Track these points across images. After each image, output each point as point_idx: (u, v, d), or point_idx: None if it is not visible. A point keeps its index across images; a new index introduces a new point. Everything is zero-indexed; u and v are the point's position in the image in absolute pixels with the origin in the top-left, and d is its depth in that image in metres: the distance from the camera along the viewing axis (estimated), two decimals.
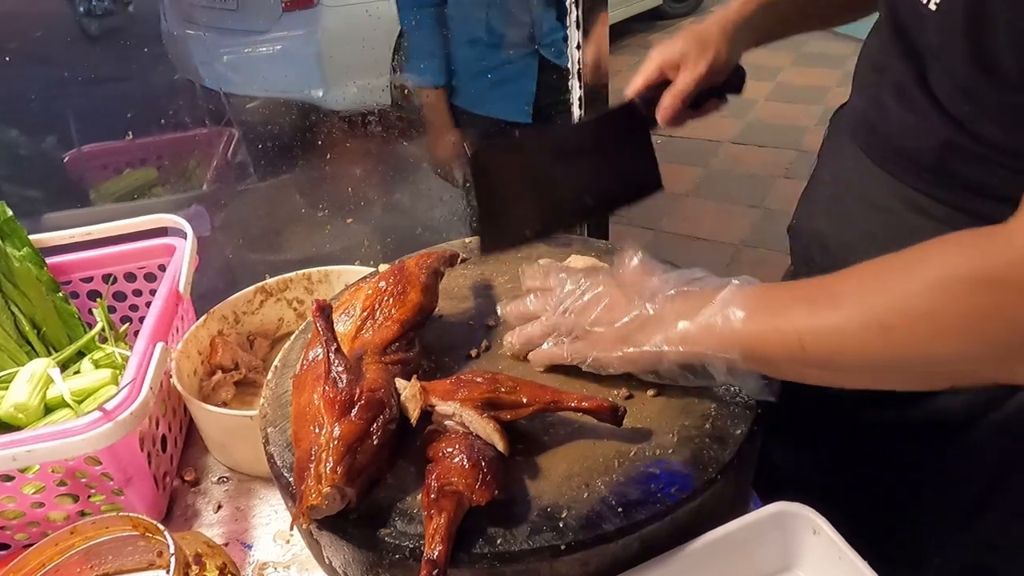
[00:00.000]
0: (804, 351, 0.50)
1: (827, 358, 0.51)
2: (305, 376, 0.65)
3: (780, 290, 0.55)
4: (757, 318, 0.53)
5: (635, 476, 0.57)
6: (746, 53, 0.80)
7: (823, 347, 0.50)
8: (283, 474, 0.62)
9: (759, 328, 0.53)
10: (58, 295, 1.02)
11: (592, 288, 0.63)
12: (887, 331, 0.46)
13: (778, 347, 0.52)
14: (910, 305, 0.45)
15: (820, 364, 0.52)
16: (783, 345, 0.52)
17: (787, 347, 0.51)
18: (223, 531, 0.81)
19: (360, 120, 2.34)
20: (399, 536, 0.54)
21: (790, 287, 0.55)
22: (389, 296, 0.73)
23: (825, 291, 0.51)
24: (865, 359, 0.49)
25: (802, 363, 0.52)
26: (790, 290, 0.54)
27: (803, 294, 0.53)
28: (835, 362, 0.51)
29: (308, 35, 3.56)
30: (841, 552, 0.53)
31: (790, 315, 0.52)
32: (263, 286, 1.07)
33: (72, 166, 1.69)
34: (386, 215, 2.25)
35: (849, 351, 0.49)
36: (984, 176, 0.57)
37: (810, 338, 0.50)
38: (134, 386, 0.74)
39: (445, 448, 0.57)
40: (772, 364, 0.55)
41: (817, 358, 0.51)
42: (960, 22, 0.53)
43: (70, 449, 0.69)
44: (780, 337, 0.52)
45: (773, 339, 0.53)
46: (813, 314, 0.51)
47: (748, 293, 0.55)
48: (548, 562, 0.53)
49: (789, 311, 0.52)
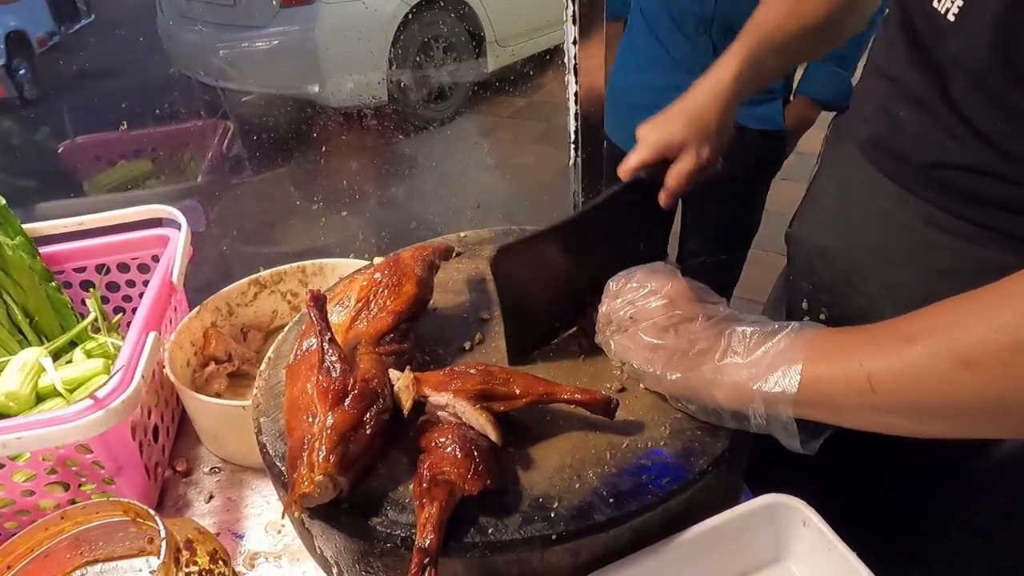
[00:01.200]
0: (874, 393, 0.46)
1: (901, 400, 0.46)
2: (299, 366, 0.64)
3: (844, 332, 0.52)
4: (820, 359, 0.50)
5: (627, 467, 0.58)
6: None
7: (896, 388, 0.46)
8: (275, 463, 0.62)
9: (822, 369, 0.49)
10: (51, 284, 1.01)
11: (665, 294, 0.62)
12: (971, 367, 0.42)
13: (842, 389, 0.48)
14: (998, 338, 0.41)
15: (893, 408, 0.47)
16: (848, 386, 0.48)
17: (853, 389, 0.47)
18: (214, 521, 0.81)
19: (356, 114, 2.34)
20: (391, 525, 0.54)
21: (854, 329, 0.51)
22: (384, 288, 0.73)
23: (894, 331, 0.47)
24: (948, 400, 0.44)
25: (871, 408, 0.48)
26: (854, 332, 0.51)
27: (869, 335, 0.49)
28: (911, 405, 0.46)
29: (305, 30, 3.54)
30: (831, 544, 0.54)
31: (857, 355, 0.48)
32: (257, 278, 1.07)
33: (67, 157, 1.69)
34: (381, 209, 2.25)
35: (927, 391, 0.44)
36: (1011, 193, 0.54)
37: (881, 378, 0.46)
38: (126, 374, 0.74)
39: (438, 438, 0.57)
40: (835, 409, 0.51)
41: (890, 401, 0.47)
42: (986, 32, 0.50)
43: (61, 436, 0.68)
44: (845, 378, 0.48)
45: (837, 380, 0.48)
46: (882, 352, 0.46)
47: (812, 336, 0.52)
48: (539, 552, 0.53)
49: (855, 351, 0.48)
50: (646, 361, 0.61)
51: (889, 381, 0.46)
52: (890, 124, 0.64)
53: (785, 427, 0.53)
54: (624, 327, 0.63)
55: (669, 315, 0.61)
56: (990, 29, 0.50)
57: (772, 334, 0.54)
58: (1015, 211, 0.55)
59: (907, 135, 0.62)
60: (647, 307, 0.62)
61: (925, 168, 0.60)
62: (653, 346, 0.60)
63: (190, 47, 3.66)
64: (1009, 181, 0.54)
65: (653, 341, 0.60)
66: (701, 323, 0.59)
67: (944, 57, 0.56)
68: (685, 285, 0.63)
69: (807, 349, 0.51)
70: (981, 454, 0.64)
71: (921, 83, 0.59)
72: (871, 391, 0.47)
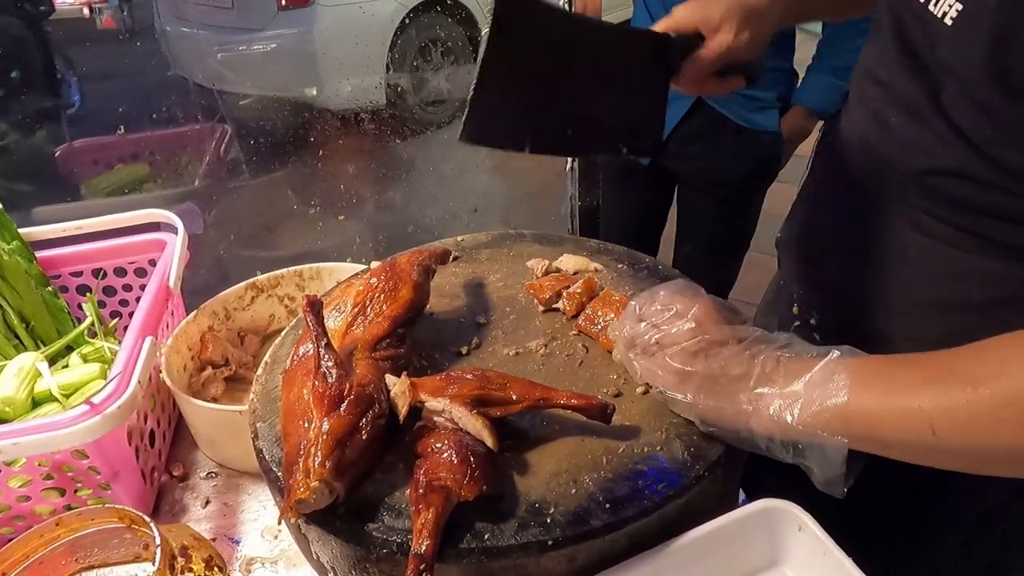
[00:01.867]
0: (935, 437, 0.45)
1: (966, 446, 0.45)
2: (295, 371, 0.64)
3: (894, 366, 0.50)
4: (870, 394, 0.49)
5: (623, 473, 0.58)
6: None
7: (961, 434, 0.45)
8: (272, 469, 0.62)
9: (872, 404, 0.48)
10: (47, 289, 1.01)
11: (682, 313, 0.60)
12: None
13: (897, 428, 0.47)
14: None
15: (956, 451, 0.46)
16: (904, 427, 0.47)
17: (912, 431, 0.46)
18: (211, 526, 0.81)
19: (353, 118, 2.34)
20: (387, 531, 0.54)
21: (904, 362, 0.50)
22: (380, 293, 0.73)
23: (954, 372, 0.46)
24: (1006, 447, 0.43)
25: (930, 448, 0.47)
26: (906, 367, 0.49)
27: (926, 373, 0.47)
28: (976, 449, 0.45)
29: (303, 33, 3.55)
30: (826, 549, 0.54)
31: (914, 395, 0.46)
32: (254, 282, 1.07)
33: (64, 161, 1.69)
34: (378, 213, 2.25)
35: (995, 438, 0.43)
36: (1001, 200, 0.54)
37: (944, 424, 0.45)
38: (122, 380, 0.74)
39: (434, 444, 0.57)
40: (885, 445, 0.50)
41: (953, 445, 0.45)
42: (982, 40, 0.50)
43: (57, 442, 0.68)
44: (901, 418, 0.47)
45: (891, 418, 0.47)
46: (945, 395, 0.45)
47: (856, 365, 0.51)
48: (535, 557, 0.53)
49: (912, 390, 0.47)
50: (676, 387, 0.59)
51: (954, 427, 0.45)
52: (880, 129, 0.64)
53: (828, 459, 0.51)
54: (650, 351, 0.61)
55: (698, 339, 0.58)
56: (986, 35, 0.50)
57: (811, 361, 0.52)
58: (1002, 218, 0.55)
59: (896, 141, 0.62)
60: (674, 331, 0.60)
61: (914, 174, 0.60)
62: (683, 372, 0.58)
63: (188, 50, 3.66)
64: (997, 188, 0.54)
65: (683, 368, 0.58)
66: (732, 347, 0.57)
67: (936, 62, 0.56)
68: (711, 305, 0.61)
69: (854, 381, 0.49)
70: None
71: (911, 88, 0.59)
72: (932, 434, 0.45)
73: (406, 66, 3.71)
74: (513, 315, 0.79)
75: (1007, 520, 0.67)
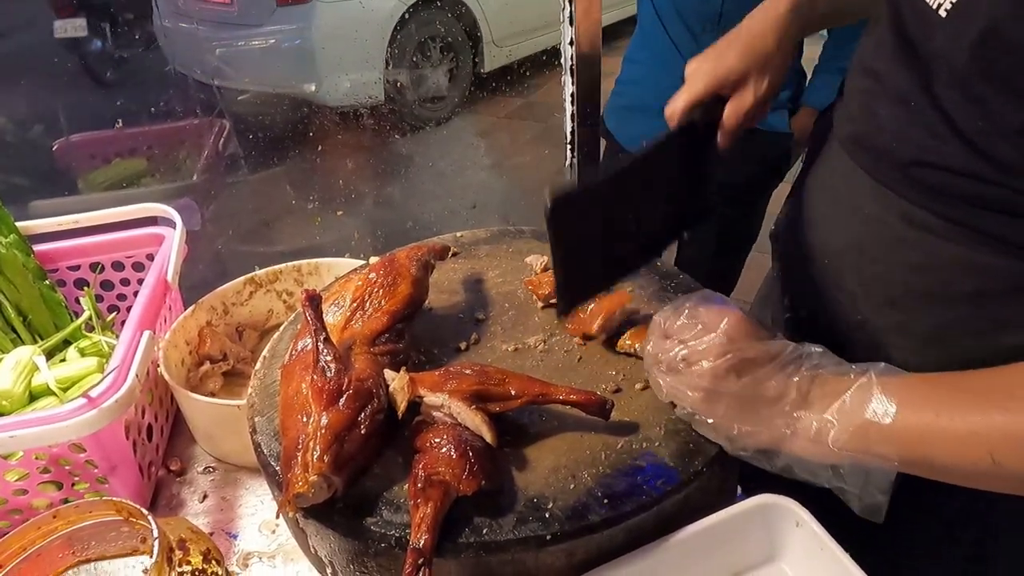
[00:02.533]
0: (995, 463, 0.44)
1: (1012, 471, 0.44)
2: (293, 366, 0.64)
3: (940, 386, 0.49)
4: (919, 416, 0.47)
5: (622, 468, 0.58)
6: None
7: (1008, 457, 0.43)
8: (270, 463, 0.61)
9: (924, 429, 0.47)
10: (45, 283, 1.01)
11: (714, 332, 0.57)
12: None
13: (954, 455, 0.46)
14: None
15: (1016, 477, 0.45)
16: (962, 455, 0.45)
17: (969, 457, 0.45)
18: (208, 521, 0.81)
19: (352, 114, 2.33)
20: (385, 525, 0.54)
21: (949, 382, 0.49)
22: (379, 288, 0.73)
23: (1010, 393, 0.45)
24: None
25: (989, 475, 0.45)
26: (954, 388, 0.48)
27: (978, 395, 0.46)
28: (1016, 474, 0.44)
29: (302, 29, 3.54)
30: (823, 544, 0.54)
31: (968, 417, 0.45)
32: (253, 277, 1.06)
33: (61, 155, 1.68)
34: (377, 209, 2.25)
35: None
36: (992, 192, 0.53)
37: (1004, 449, 0.43)
38: (120, 373, 0.74)
39: (433, 438, 0.57)
40: (938, 471, 0.48)
41: (1017, 470, 0.44)
42: (973, 33, 0.50)
43: (54, 435, 0.68)
44: (958, 443, 0.45)
45: (947, 445, 0.46)
46: (1003, 418, 0.43)
47: (899, 385, 0.49)
48: (534, 552, 0.53)
49: (966, 412, 0.45)
50: (705, 409, 0.56)
51: (1015, 453, 0.43)
52: (872, 121, 0.63)
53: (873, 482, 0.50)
54: (676, 368, 0.58)
55: (728, 356, 0.55)
56: (977, 28, 0.50)
57: (850, 380, 0.51)
58: (993, 210, 0.54)
59: (888, 132, 0.61)
60: (702, 347, 0.56)
61: (904, 165, 0.59)
62: (713, 392, 0.55)
63: (186, 45, 3.65)
64: (987, 180, 0.53)
65: (713, 388, 0.55)
66: (766, 367, 0.54)
67: (930, 53, 0.55)
68: (741, 318, 0.57)
69: (900, 402, 0.48)
70: None
71: (905, 79, 0.58)
72: (991, 461, 0.44)
73: (405, 62, 3.70)
74: (512, 311, 0.79)
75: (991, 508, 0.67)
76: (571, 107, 1.14)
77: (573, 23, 1.01)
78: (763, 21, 0.70)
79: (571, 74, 1.09)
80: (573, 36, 1.03)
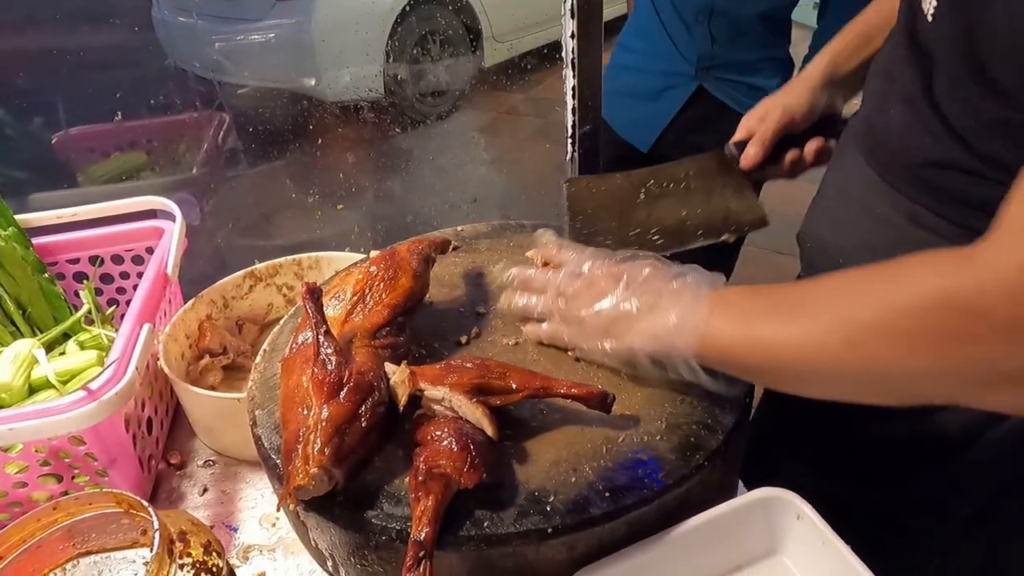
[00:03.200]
0: (779, 362, 0.50)
1: (800, 371, 0.50)
2: (294, 359, 0.64)
3: (755, 297, 0.55)
4: (728, 325, 0.53)
5: (623, 462, 0.58)
6: None
7: (796, 360, 0.50)
8: (270, 456, 0.61)
9: (730, 335, 0.53)
10: (44, 276, 1.00)
11: (589, 274, 0.64)
12: (855, 347, 0.45)
13: (748, 356, 0.52)
14: (881, 322, 0.44)
15: (794, 376, 0.52)
16: (753, 354, 0.52)
17: (760, 357, 0.51)
18: (208, 514, 0.81)
19: (352, 108, 2.32)
20: (386, 518, 0.54)
21: (766, 293, 0.54)
22: (380, 281, 0.72)
23: (797, 302, 0.51)
24: (837, 373, 0.48)
25: (776, 372, 0.52)
26: (764, 297, 0.54)
27: (775, 303, 0.52)
28: (808, 376, 0.50)
29: (302, 23, 3.52)
30: (825, 537, 0.54)
31: (762, 325, 0.51)
32: (253, 271, 1.06)
33: (60, 148, 1.67)
34: (377, 203, 2.24)
35: (822, 366, 0.48)
36: (987, 193, 0.53)
37: (783, 351, 0.50)
38: (119, 366, 0.74)
39: (434, 431, 0.57)
40: (746, 371, 0.55)
41: (791, 370, 0.51)
42: (959, 35, 0.51)
43: (53, 428, 0.68)
44: (751, 346, 0.52)
45: (744, 348, 0.52)
46: (785, 326, 0.50)
47: (718, 297, 0.55)
48: (535, 545, 0.53)
49: (761, 321, 0.52)
50: (586, 338, 0.63)
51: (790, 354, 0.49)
52: (883, 120, 0.65)
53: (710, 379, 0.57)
54: (565, 317, 0.65)
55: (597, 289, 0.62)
56: (960, 31, 0.51)
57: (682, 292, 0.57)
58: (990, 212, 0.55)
59: (895, 132, 0.63)
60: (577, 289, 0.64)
61: (910, 166, 0.61)
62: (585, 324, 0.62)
63: (186, 39, 3.63)
64: (982, 178, 0.55)
65: (584, 317, 0.62)
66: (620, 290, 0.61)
67: (929, 55, 0.57)
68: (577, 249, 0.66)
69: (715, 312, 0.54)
70: (970, 447, 0.65)
71: (910, 79, 0.60)
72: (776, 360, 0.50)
73: (405, 56, 3.69)
74: None
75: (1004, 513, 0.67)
76: (572, 101, 1.14)
77: (575, 16, 1.01)
78: (794, 80, 0.86)
79: (572, 68, 1.08)
80: (574, 30, 1.03)
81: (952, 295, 0.41)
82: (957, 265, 0.42)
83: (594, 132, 1.22)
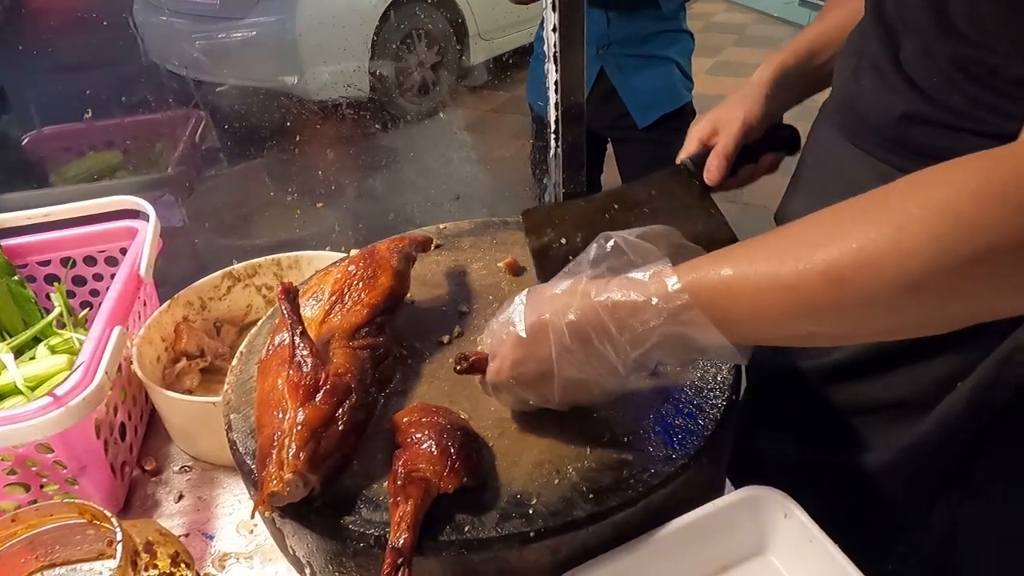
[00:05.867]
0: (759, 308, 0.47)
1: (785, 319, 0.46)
2: (270, 361, 0.62)
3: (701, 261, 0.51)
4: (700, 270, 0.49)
5: (607, 462, 0.56)
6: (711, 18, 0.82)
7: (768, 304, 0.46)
8: (245, 461, 0.59)
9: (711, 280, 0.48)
10: (13, 278, 0.98)
11: None
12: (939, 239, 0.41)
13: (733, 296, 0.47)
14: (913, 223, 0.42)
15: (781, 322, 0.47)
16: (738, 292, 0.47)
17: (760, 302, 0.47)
18: (184, 521, 0.78)
19: (335, 107, 2.30)
20: (364, 524, 0.53)
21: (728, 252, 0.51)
22: (359, 280, 0.71)
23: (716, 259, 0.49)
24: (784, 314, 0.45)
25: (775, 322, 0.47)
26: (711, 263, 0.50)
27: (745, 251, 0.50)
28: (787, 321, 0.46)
29: (284, 21, 3.48)
30: (812, 535, 0.53)
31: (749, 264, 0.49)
32: (231, 271, 1.04)
33: (31, 148, 1.63)
34: (358, 201, 2.21)
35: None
36: (953, 144, 0.56)
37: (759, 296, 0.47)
38: (88, 370, 0.71)
39: (414, 433, 0.56)
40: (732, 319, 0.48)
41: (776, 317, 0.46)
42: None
43: (18, 435, 0.66)
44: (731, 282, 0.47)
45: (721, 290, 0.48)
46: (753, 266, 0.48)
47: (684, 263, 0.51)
48: (517, 549, 0.51)
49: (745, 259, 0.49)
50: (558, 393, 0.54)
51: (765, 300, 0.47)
52: (854, 89, 0.68)
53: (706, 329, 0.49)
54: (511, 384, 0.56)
55: None
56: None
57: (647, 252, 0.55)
58: None
59: (866, 100, 0.66)
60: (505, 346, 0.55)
61: (879, 127, 0.64)
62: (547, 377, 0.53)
63: (165, 37, 3.58)
64: (951, 129, 0.57)
65: None
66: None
67: (899, 24, 0.61)
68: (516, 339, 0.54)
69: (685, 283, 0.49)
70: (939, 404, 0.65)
71: (879, 50, 0.63)
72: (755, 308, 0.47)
73: (389, 55, 3.66)
74: (496, 303, 0.77)
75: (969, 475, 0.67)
76: (555, 96, 1.12)
77: (556, 10, 0.99)
78: (743, 89, 0.83)
79: (554, 62, 1.07)
80: (556, 23, 1.02)
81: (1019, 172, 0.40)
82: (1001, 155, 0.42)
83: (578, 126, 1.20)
